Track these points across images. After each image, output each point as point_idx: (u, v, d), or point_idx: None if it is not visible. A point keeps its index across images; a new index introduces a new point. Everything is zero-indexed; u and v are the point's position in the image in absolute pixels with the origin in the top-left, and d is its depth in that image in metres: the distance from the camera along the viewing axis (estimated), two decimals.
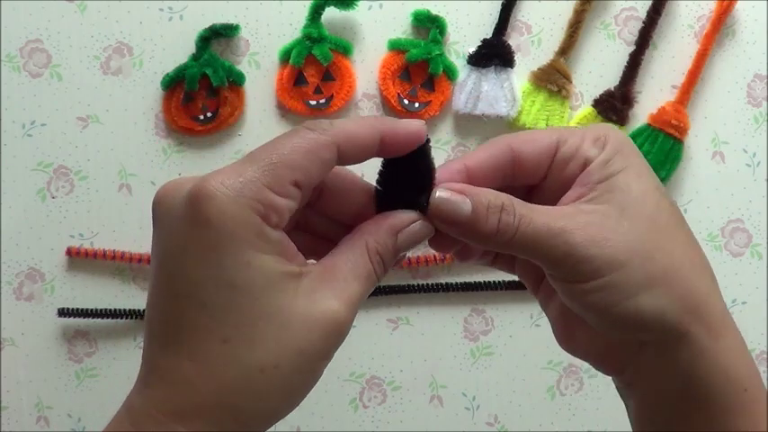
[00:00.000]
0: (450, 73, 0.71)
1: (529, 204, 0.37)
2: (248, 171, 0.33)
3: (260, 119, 0.72)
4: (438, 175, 0.38)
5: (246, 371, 0.33)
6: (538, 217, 0.36)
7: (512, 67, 0.72)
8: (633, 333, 0.37)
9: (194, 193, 0.32)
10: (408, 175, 0.38)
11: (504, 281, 0.72)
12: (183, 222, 0.33)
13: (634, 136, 0.72)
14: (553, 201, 0.38)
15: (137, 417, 0.33)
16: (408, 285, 0.72)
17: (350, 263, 0.36)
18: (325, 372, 0.71)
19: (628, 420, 0.73)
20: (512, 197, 0.37)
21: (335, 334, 0.35)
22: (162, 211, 0.34)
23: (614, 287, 0.36)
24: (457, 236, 0.37)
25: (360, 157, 0.36)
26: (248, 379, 0.33)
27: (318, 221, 0.39)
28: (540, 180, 0.39)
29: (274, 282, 0.33)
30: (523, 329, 0.72)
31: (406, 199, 0.37)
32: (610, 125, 0.40)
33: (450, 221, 0.37)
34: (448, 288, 0.72)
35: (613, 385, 0.40)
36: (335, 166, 0.36)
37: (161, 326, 0.34)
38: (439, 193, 0.37)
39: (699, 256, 0.38)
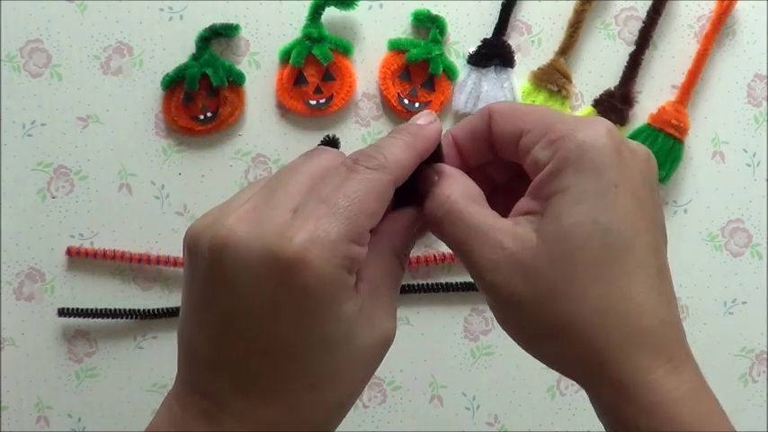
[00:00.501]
0: (450, 73, 0.71)
1: (474, 204, 0.36)
2: (333, 225, 0.32)
3: (260, 119, 0.72)
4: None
5: (331, 410, 0.35)
6: (466, 220, 0.35)
7: (512, 67, 0.72)
8: (551, 366, 0.37)
9: (281, 259, 0.31)
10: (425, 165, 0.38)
11: None
12: (269, 286, 0.32)
13: (634, 136, 0.72)
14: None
15: None
16: (408, 285, 0.72)
17: (386, 273, 0.36)
18: None
19: None
20: (465, 190, 0.36)
21: (388, 349, 0.35)
22: (230, 267, 0.32)
23: (517, 327, 0.36)
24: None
25: (404, 181, 0.36)
26: (331, 418, 0.35)
27: None
28: (518, 161, 0.37)
29: (354, 322, 0.33)
30: None
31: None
32: (589, 118, 0.35)
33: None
34: (448, 288, 0.72)
35: None
36: None
37: (239, 368, 0.33)
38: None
39: (631, 301, 0.33)
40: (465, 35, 0.72)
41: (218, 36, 0.70)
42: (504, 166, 0.39)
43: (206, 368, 0.34)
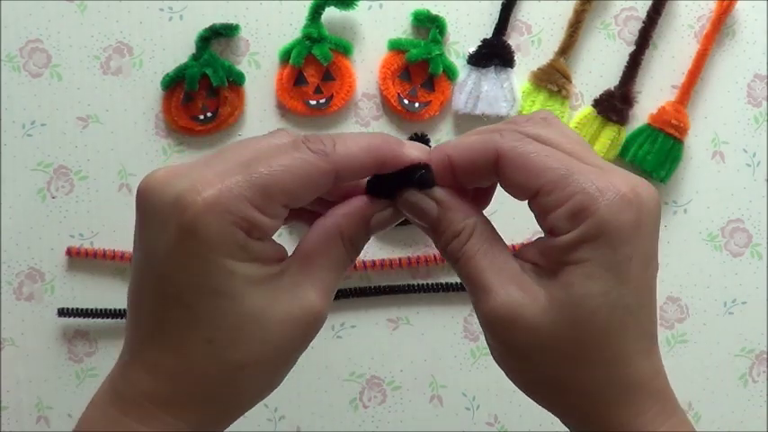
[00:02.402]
0: (450, 73, 0.71)
1: (489, 240, 0.37)
2: (238, 183, 0.33)
3: (260, 119, 0.72)
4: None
5: (228, 368, 0.35)
6: (479, 261, 0.36)
7: (512, 67, 0.72)
8: (546, 408, 0.38)
9: (184, 203, 0.33)
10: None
11: None
12: (171, 227, 0.33)
13: (634, 136, 0.72)
14: (544, 226, 0.37)
15: (125, 404, 0.35)
16: (408, 285, 0.72)
17: (326, 253, 0.37)
18: (325, 372, 0.72)
19: None
20: (479, 228, 0.37)
21: (314, 325, 0.36)
22: (148, 207, 0.35)
23: (514, 371, 0.37)
24: (422, 229, 0.38)
25: (358, 178, 0.37)
26: (230, 376, 0.35)
27: None
28: (521, 199, 0.38)
29: (256, 286, 0.34)
30: None
31: (397, 183, 0.38)
32: (618, 180, 0.34)
33: (415, 216, 0.37)
34: (448, 288, 0.72)
35: None
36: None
37: (146, 318, 0.35)
38: (412, 191, 0.37)
39: (628, 363, 0.35)
40: (465, 35, 0.72)
41: (218, 36, 0.70)
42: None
43: (128, 316, 0.36)
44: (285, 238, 0.70)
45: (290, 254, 0.37)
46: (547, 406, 0.38)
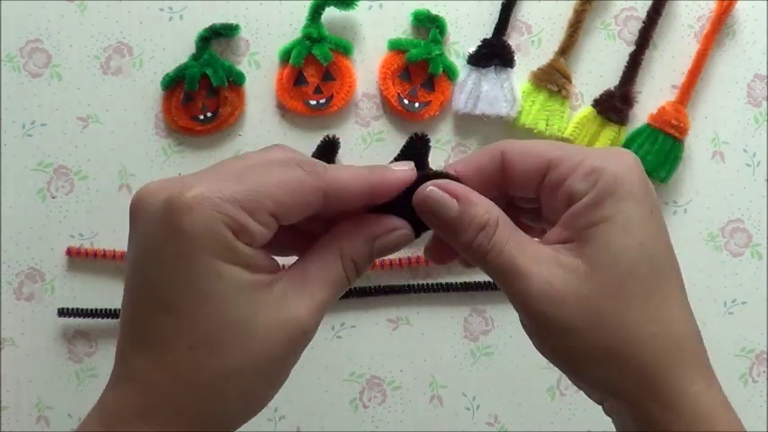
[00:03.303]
0: (450, 73, 0.71)
1: (514, 231, 0.37)
2: (230, 189, 0.33)
3: (260, 119, 0.72)
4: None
5: (210, 377, 0.33)
6: (510, 249, 0.36)
7: (512, 67, 0.72)
8: (588, 392, 0.38)
9: (172, 203, 0.33)
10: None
11: None
12: (159, 228, 0.33)
13: (634, 136, 0.72)
14: (555, 218, 0.38)
15: (107, 415, 0.34)
16: (408, 285, 0.72)
17: (322, 269, 0.36)
18: (325, 372, 0.71)
19: None
20: (502, 217, 0.37)
21: (300, 340, 0.35)
22: (139, 214, 0.34)
23: (565, 352, 0.36)
24: (439, 232, 0.38)
25: (349, 205, 0.37)
26: (212, 385, 0.33)
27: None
28: (535, 197, 0.38)
29: (243, 291, 0.33)
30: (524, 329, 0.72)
31: (399, 203, 0.37)
32: (614, 150, 0.37)
33: (433, 217, 0.37)
34: (448, 288, 0.72)
35: None
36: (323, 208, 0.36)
37: (133, 326, 0.34)
38: (431, 188, 0.37)
39: (674, 321, 0.36)
40: (465, 35, 0.72)
41: (218, 36, 0.70)
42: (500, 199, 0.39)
43: (119, 326, 0.35)
44: None
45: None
46: (598, 385, 0.37)
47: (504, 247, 0.36)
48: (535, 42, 0.72)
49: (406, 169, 0.37)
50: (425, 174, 0.37)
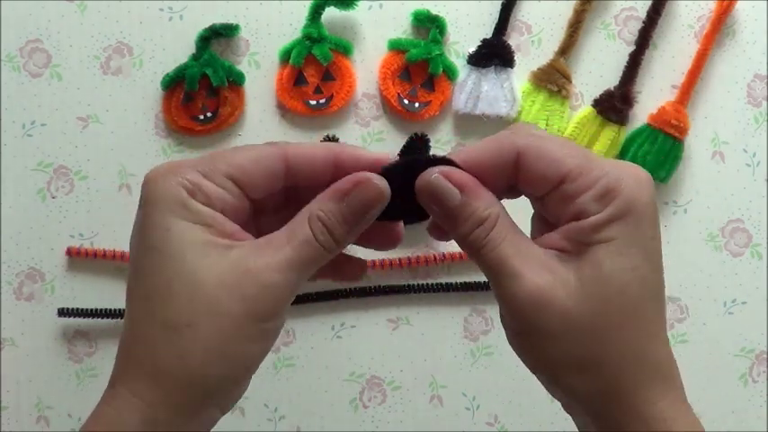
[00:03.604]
0: (450, 73, 0.71)
1: (512, 230, 0.37)
2: (191, 159, 0.37)
3: (260, 119, 0.72)
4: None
5: (162, 328, 0.35)
6: (505, 248, 0.36)
7: (512, 67, 0.72)
8: (555, 390, 0.39)
9: (144, 180, 0.37)
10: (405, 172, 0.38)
11: None
12: (139, 205, 0.37)
13: (634, 136, 0.72)
14: (555, 219, 0.38)
15: (108, 387, 0.36)
16: (408, 285, 0.72)
17: (287, 230, 0.36)
18: (325, 372, 0.72)
19: None
20: (502, 213, 0.37)
21: (255, 295, 0.35)
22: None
23: (541, 356, 0.37)
24: (437, 219, 0.38)
25: (314, 176, 0.37)
26: (164, 337, 0.35)
27: None
28: (540, 197, 0.38)
29: (194, 246, 0.35)
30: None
31: (399, 187, 0.37)
32: (632, 169, 0.36)
33: (434, 204, 0.37)
34: (448, 288, 0.72)
35: None
36: (290, 180, 0.37)
37: (125, 299, 0.38)
38: (435, 175, 0.37)
39: (652, 346, 0.36)
40: (465, 35, 0.72)
41: (218, 36, 0.70)
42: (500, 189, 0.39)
43: None
44: None
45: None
46: (571, 391, 0.37)
47: (500, 244, 0.36)
48: (535, 42, 0.72)
49: (380, 155, 0.38)
50: (430, 158, 0.37)
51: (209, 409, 0.36)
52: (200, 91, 0.70)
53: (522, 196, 0.40)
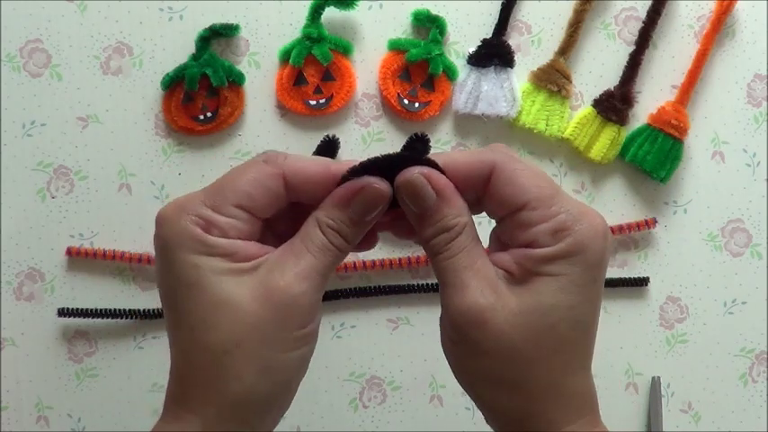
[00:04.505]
0: (450, 73, 0.71)
1: (473, 243, 0.39)
2: (198, 194, 0.38)
3: (260, 119, 0.72)
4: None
5: (213, 354, 0.37)
6: (461, 259, 0.38)
7: (512, 67, 0.72)
8: (475, 401, 0.41)
9: (156, 222, 0.38)
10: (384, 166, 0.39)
11: None
12: (154, 247, 0.39)
13: (634, 136, 0.72)
14: (508, 240, 0.40)
15: (164, 408, 0.39)
16: (408, 285, 0.72)
17: (302, 239, 0.39)
18: (325, 372, 0.72)
19: (626, 421, 0.74)
20: (469, 225, 0.39)
21: (289, 305, 0.37)
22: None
23: (469, 368, 0.39)
24: (407, 213, 0.39)
25: (312, 192, 0.39)
26: (216, 360, 0.37)
27: None
28: (497, 215, 0.40)
29: (224, 275, 0.37)
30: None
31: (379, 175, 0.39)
32: (590, 213, 0.38)
33: (409, 201, 0.38)
34: None
35: (611, 386, 0.40)
36: (291, 197, 0.39)
37: (167, 333, 0.40)
38: (417, 174, 0.38)
39: (574, 380, 0.38)
40: (465, 35, 0.72)
41: (217, 36, 0.70)
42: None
43: None
44: None
45: None
46: (488, 404, 0.40)
47: (458, 254, 0.38)
48: (535, 42, 0.72)
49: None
50: (413, 156, 0.39)
51: (265, 422, 0.39)
52: (201, 91, 0.70)
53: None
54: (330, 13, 0.70)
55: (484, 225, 0.41)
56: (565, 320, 0.37)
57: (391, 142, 0.72)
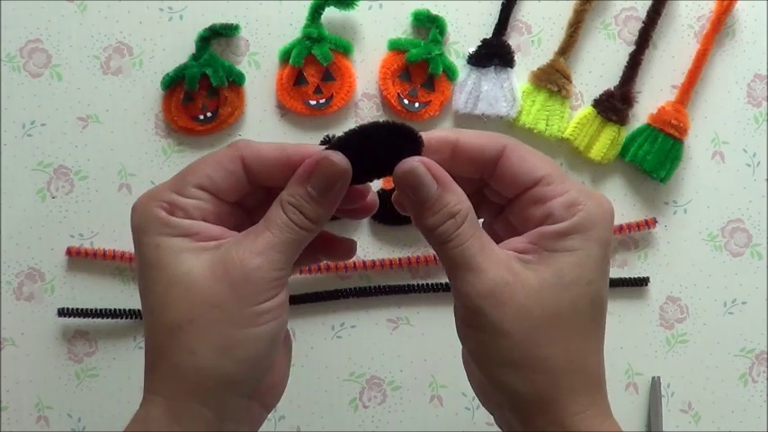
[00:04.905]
0: (450, 73, 0.71)
1: (478, 228, 0.38)
2: (166, 182, 0.39)
3: (260, 119, 0.72)
4: (429, 136, 0.39)
5: (169, 330, 0.38)
6: (472, 244, 0.38)
7: (512, 67, 0.72)
8: (494, 390, 0.40)
9: (130, 213, 0.40)
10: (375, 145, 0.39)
11: None
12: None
13: (634, 136, 0.72)
14: (518, 224, 0.40)
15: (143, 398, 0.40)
16: (408, 285, 0.72)
17: (265, 218, 0.39)
18: (325, 372, 0.72)
19: (626, 421, 0.74)
20: (471, 214, 0.39)
21: (244, 281, 0.37)
22: None
23: (487, 350, 0.39)
24: (408, 204, 0.39)
25: (270, 173, 0.40)
26: (171, 338, 0.37)
27: None
28: (504, 198, 0.40)
29: (183, 254, 0.38)
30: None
31: (357, 145, 0.38)
32: (597, 194, 0.39)
33: (411, 192, 0.38)
34: (448, 288, 0.72)
35: (611, 386, 0.40)
36: (253, 179, 0.40)
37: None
38: (417, 164, 0.38)
39: (590, 358, 0.38)
40: (465, 35, 0.72)
41: (218, 36, 0.70)
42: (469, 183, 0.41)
43: None
44: None
45: None
46: (502, 389, 0.39)
47: (468, 240, 0.38)
48: (535, 42, 0.72)
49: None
50: (393, 125, 0.38)
51: (233, 405, 0.38)
52: (201, 91, 0.70)
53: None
54: (330, 13, 0.70)
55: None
56: (584, 296, 0.37)
57: None
